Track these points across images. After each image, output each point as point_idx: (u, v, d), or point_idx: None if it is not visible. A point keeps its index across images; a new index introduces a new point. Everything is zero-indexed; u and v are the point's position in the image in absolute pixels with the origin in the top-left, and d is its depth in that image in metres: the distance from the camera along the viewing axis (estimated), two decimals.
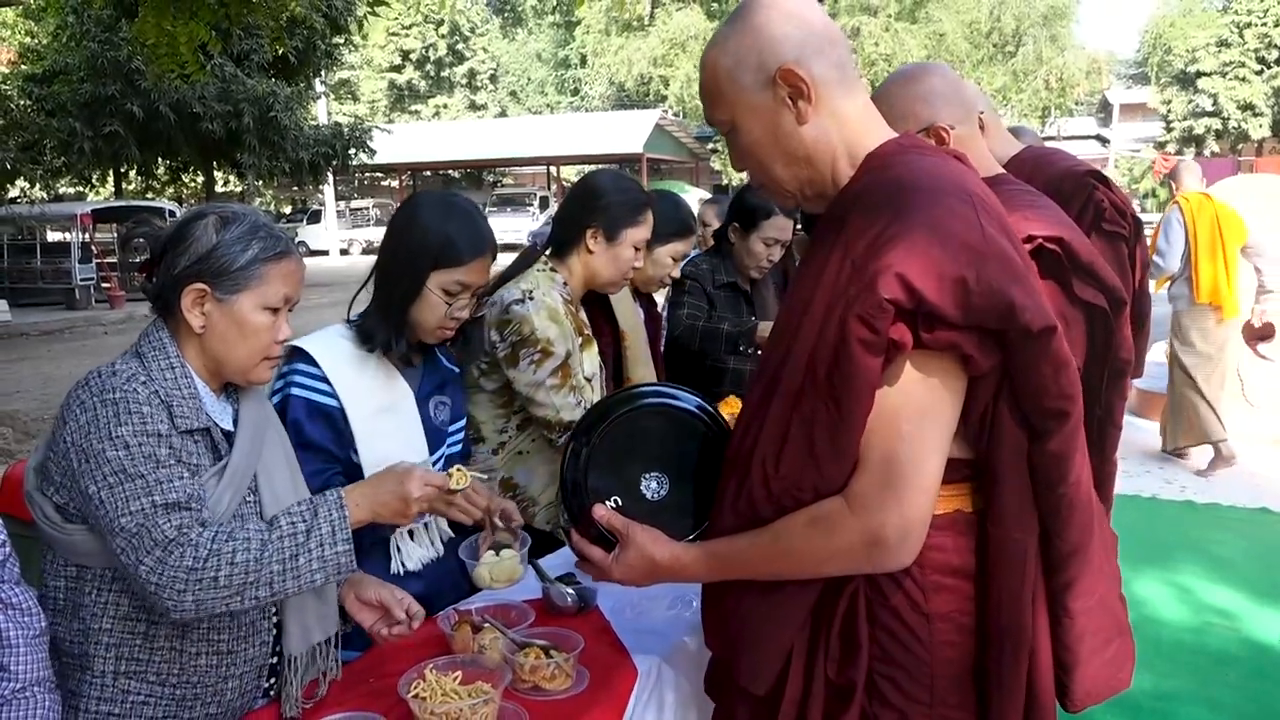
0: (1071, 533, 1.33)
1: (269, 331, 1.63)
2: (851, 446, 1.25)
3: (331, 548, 1.51)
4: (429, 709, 1.51)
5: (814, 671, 1.35)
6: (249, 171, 20.91)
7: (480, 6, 47.50)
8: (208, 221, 1.62)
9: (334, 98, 34.57)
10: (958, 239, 1.22)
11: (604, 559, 1.49)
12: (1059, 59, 27.87)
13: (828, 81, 1.34)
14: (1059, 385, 1.25)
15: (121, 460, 1.49)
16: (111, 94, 18.10)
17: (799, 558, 1.30)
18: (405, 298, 2.00)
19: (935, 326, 1.21)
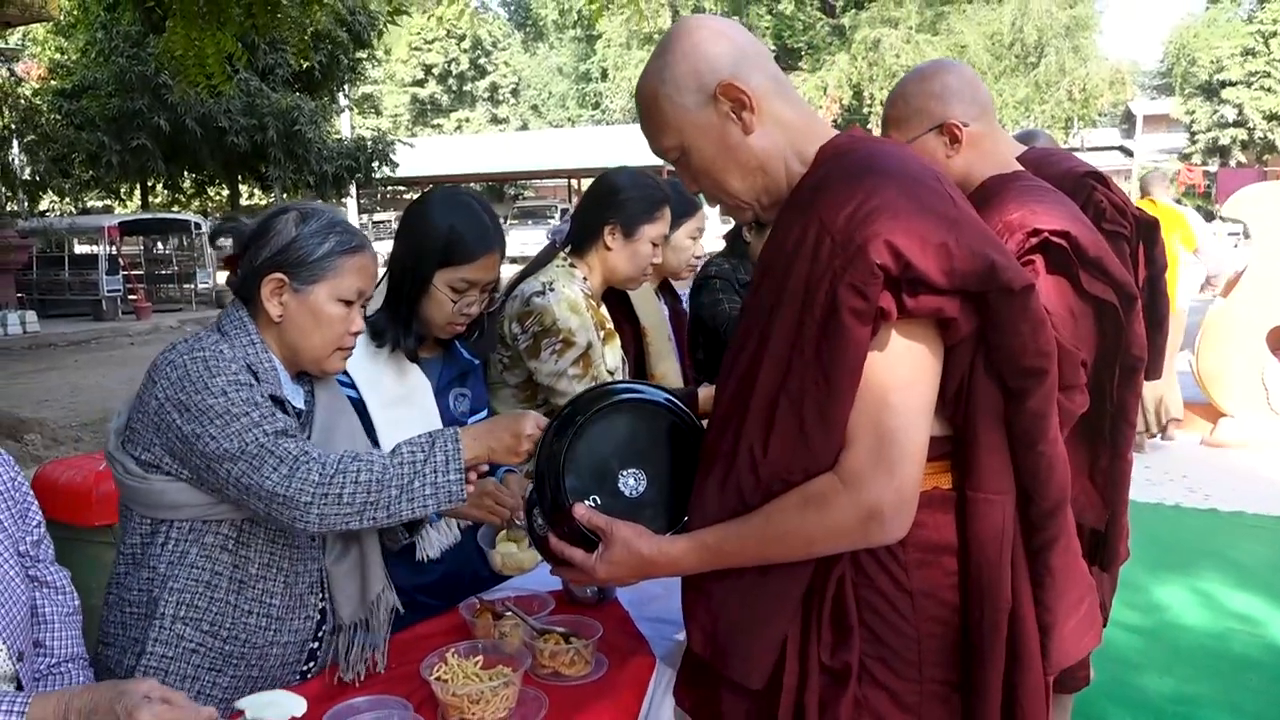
0: (1052, 490, 1.35)
1: (342, 322, 1.70)
2: (841, 421, 1.26)
3: (444, 475, 1.55)
4: (451, 690, 1.54)
5: (808, 658, 1.35)
6: (274, 184, 21.11)
7: (502, 21, 47.90)
8: (289, 217, 1.70)
9: (357, 112, 34.89)
10: (934, 208, 1.27)
11: (586, 559, 1.45)
12: (1082, 70, 27.77)
13: (765, 91, 1.38)
14: (1037, 343, 1.27)
15: (224, 405, 1.56)
16: (139, 108, 18.36)
17: (793, 539, 1.30)
18: (413, 295, 2.05)
19: (919, 292, 1.23)
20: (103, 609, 1.71)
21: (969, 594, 1.34)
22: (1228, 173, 29.91)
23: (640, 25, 29.93)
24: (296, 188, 22.11)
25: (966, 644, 1.34)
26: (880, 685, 1.33)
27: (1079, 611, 1.43)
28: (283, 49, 18.68)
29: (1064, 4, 28.55)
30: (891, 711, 1.34)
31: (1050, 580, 1.38)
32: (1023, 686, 1.34)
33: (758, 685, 1.36)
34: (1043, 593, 1.37)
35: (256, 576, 1.68)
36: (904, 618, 1.34)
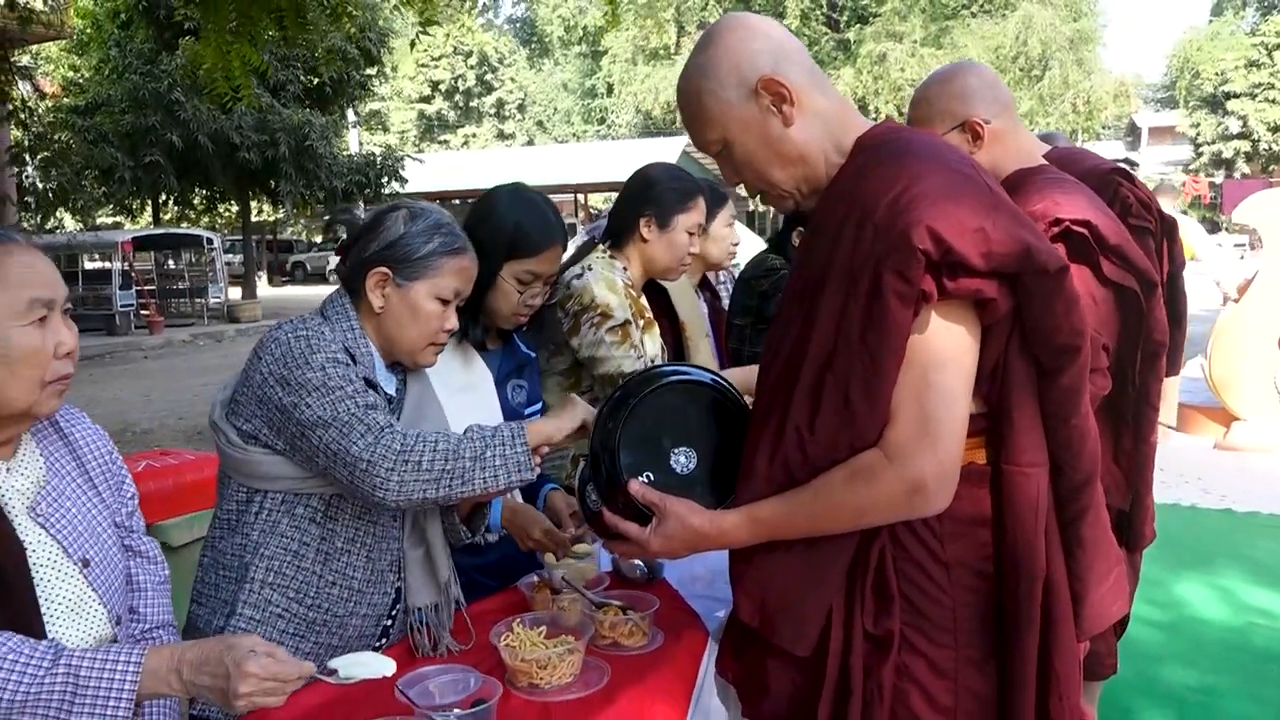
0: (1084, 462, 1.41)
1: (437, 319, 1.79)
2: (885, 399, 1.33)
3: (513, 448, 1.62)
4: (520, 656, 1.61)
5: (852, 626, 1.40)
6: (285, 200, 21.27)
7: (508, 38, 48.22)
8: (400, 214, 1.80)
9: (364, 128, 35.14)
10: (971, 195, 1.33)
11: (640, 533, 1.51)
12: (1085, 83, 27.93)
13: (803, 85, 1.45)
14: (1070, 322, 1.34)
15: (321, 379, 1.65)
16: (152, 124, 18.52)
17: (841, 512, 1.37)
18: (481, 286, 2.11)
19: (959, 274, 1.30)
20: (197, 569, 1.80)
21: (1004, 563, 1.39)
22: (1233, 184, 29.95)
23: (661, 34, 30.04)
24: (307, 203, 22.27)
25: (1001, 612, 1.40)
26: (919, 653, 1.39)
27: (1108, 580, 1.49)
28: (294, 66, 18.89)
29: (1067, 17, 28.73)
30: (930, 678, 1.40)
31: (1081, 550, 1.44)
32: (1057, 652, 1.40)
33: (805, 652, 1.42)
34: (1074, 562, 1.44)
35: (341, 550, 1.76)
36: (940, 588, 1.40)
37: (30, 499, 1.42)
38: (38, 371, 1.35)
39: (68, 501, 1.47)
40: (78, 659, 1.22)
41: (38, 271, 1.37)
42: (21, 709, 1.18)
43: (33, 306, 1.34)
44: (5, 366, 1.32)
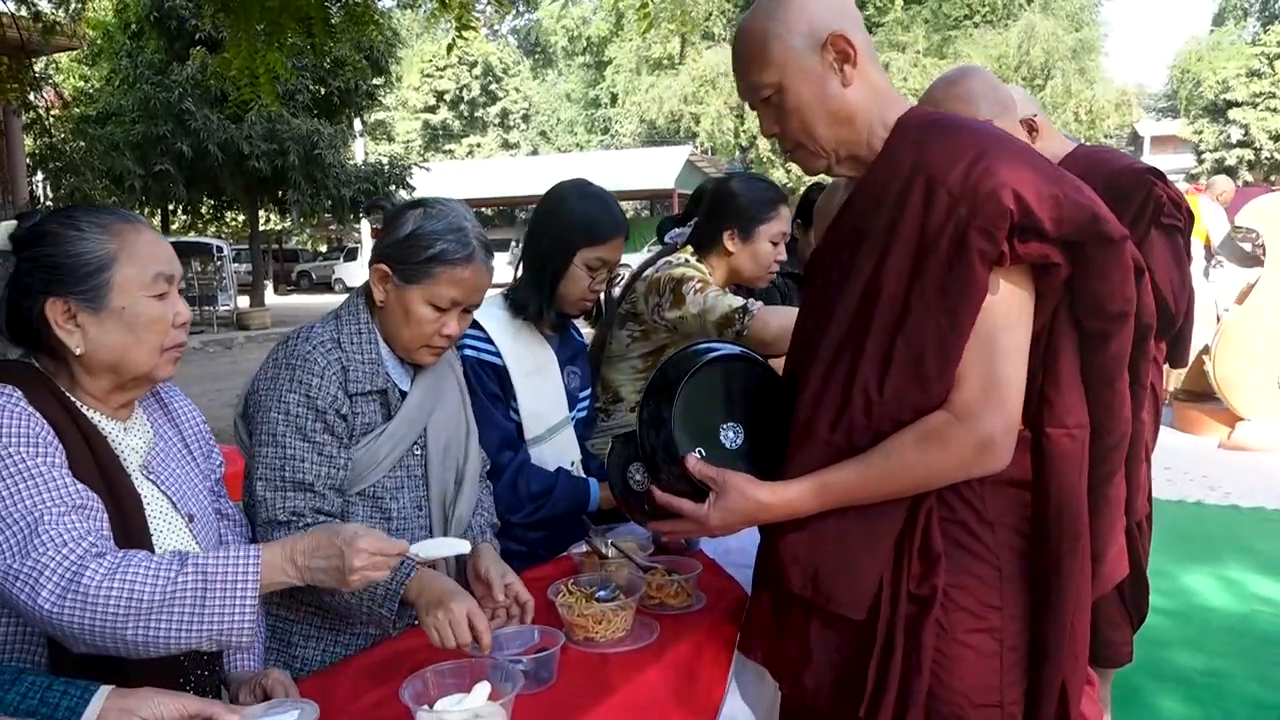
0: (1119, 424, 1.48)
1: (431, 324, 1.82)
2: (957, 359, 1.39)
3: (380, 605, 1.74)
4: (577, 611, 1.73)
5: (899, 588, 1.45)
6: (293, 208, 21.42)
7: (512, 48, 48.47)
8: (419, 212, 1.83)
9: (370, 138, 35.32)
10: (1038, 164, 1.41)
11: (698, 509, 1.53)
12: (1088, 92, 28.11)
13: (864, 50, 1.49)
14: (1124, 290, 1.40)
15: (276, 423, 1.75)
16: (163, 134, 18.66)
17: (912, 473, 1.42)
18: (556, 273, 2.25)
19: (1029, 239, 1.36)
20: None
21: (1049, 523, 1.45)
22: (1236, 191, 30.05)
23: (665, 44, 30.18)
24: (314, 212, 22.42)
25: (1039, 571, 1.46)
26: (962, 608, 1.45)
27: (1119, 540, 1.57)
28: (303, 75, 19.05)
29: (1069, 27, 28.94)
30: (974, 632, 1.45)
31: (1105, 509, 1.50)
32: (1079, 609, 1.48)
33: (860, 616, 1.47)
34: (1097, 521, 1.49)
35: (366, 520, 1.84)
36: (986, 546, 1.46)
37: (143, 458, 1.54)
38: (158, 338, 1.47)
39: (171, 463, 1.60)
40: (203, 559, 1.33)
41: (160, 249, 1.50)
42: (160, 609, 1.28)
43: (157, 280, 1.47)
44: (132, 332, 1.45)
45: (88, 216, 1.46)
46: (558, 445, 2.32)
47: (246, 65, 5.18)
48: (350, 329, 1.84)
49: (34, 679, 1.27)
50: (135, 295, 1.45)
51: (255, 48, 5.10)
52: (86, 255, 1.42)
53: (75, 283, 1.42)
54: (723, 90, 30.01)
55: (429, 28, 37.09)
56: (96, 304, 1.43)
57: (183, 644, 1.31)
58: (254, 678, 1.54)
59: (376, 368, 1.83)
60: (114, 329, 1.44)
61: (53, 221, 1.45)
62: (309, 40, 5.03)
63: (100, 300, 1.43)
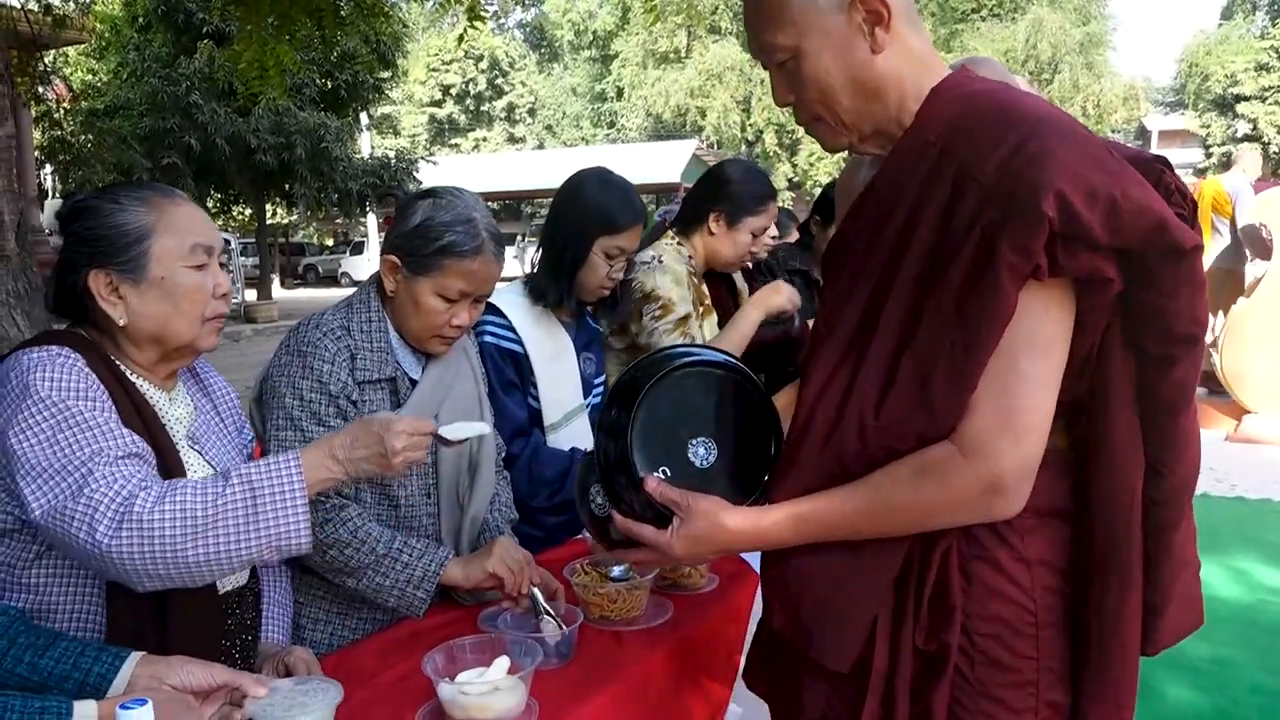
0: (1185, 466, 1.24)
1: (440, 315, 1.83)
2: (972, 386, 1.16)
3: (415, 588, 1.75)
4: (592, 591, 1.75)
5: (900, 641, 1.25)
6: (300, 202, 21.46)
7: (518, 42, 48.46)
8: (428, 202, 1.83)
9: (376, 132, 35.37)
10: (1096, 156, 1.15)
11: (660, 536, 1.33)
12: (1095, 86, 28.06)
13: (900, 11, 1.25)
14: (1194, 309, 1.16)
15: (292, 408, 1.77)
16: (170, 127, 18.71)
17: (905, 511, 1.21)
18: (575, 261, 2.27)
19: (1077, 249, 1.12)
20: None
21: (1092, 567, 1.25)
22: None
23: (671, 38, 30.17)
24: (321, 205, 22.47)
25: (1080, 620, 1.26)
26: (996, 664, 1.24)
27: (1188, 592, 1.33)
28: (310, 69, 19.10)
29: (1077, 21, 28.88)
30: (1006, 689, 1.24)
31: (1167, 560, 1.27)
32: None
33: (843, 668, 1.28)
34: (1157, 572, 1.27)
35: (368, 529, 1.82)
36: (1021, 589, 1.24)
37: (187, 428, 1.58)
38: (198, 308, 1.50)
39: (212, 435, 1.64)
40: (246, 470, 1.39)
41: (199, 220, 1.54)
42: (214, 524, 1.33)
43: (195, 251, 1.50)
44: (171, 302, 1.48)
45: (127, 191, 1.51)
46: (575, 431, 2.35)
47: (256, 58, 5.20)
48: (361, 317, 1.86)
49: (68, 644, 1.30)
50: (173, 266, 1.48)
51: (265, 40, 5.11)
52: (125, 227, 1.46)
53: (115, 254, 1.46)
54: (729, 84, 30.02)
55: (435, 21, 37.15)
56: (136, 275, 1.46)
57: (244, 556, 1.36)
58: (278, 653, 1.57)
59: (386, 356, 1.85)
60: (154, 299, 1.47)
61: (94, 197, 1.50)
62: (319, 33, 5.05)
63: (140, 271, 1.46)
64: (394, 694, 1.52)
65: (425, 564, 1.75)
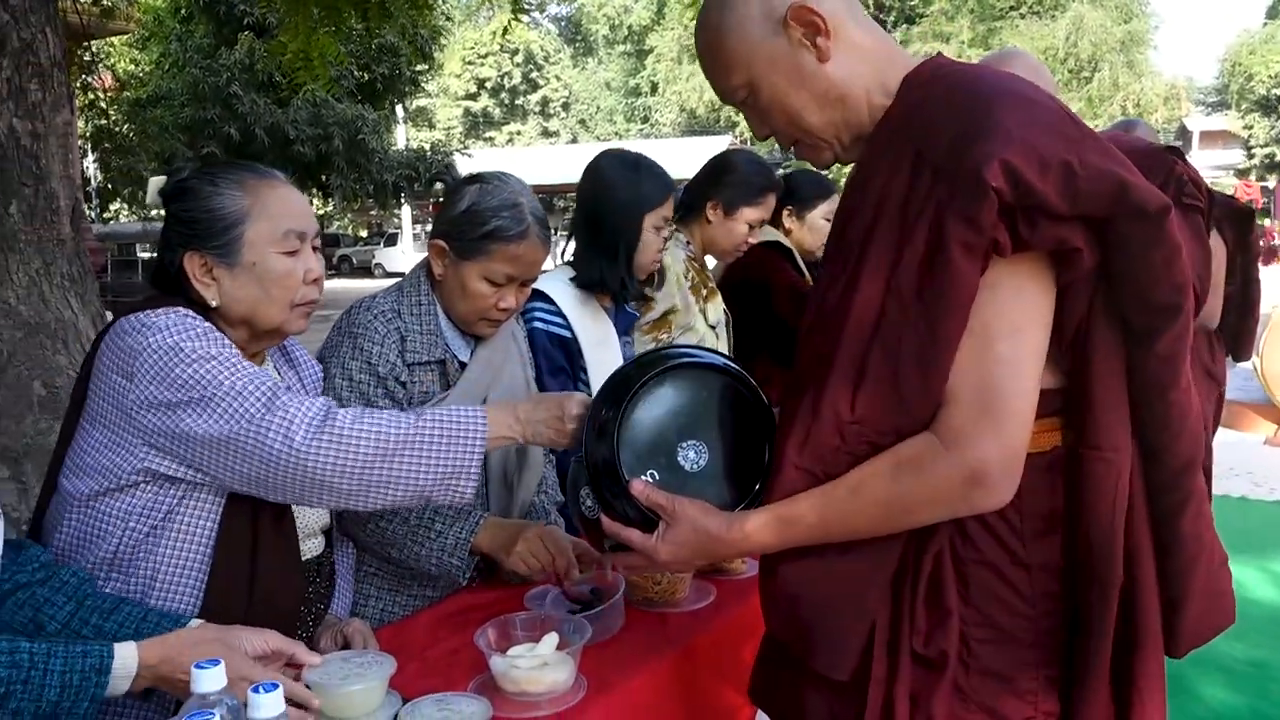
0: (1184, 445, 1.19)
1: (486, 299, 1.86)
2: (942, 373, 1.13)
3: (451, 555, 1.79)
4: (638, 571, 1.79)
5: (899, 646, 1.21)
6: (335, 193, 21.67)
7: (553, 36, 48.58)
8: (475, 188, 1.86)
9: (411, 124, 35.60)
10: (1052, 124, 1.13)
11: (645, 541, 1.32)
12: (1136, 85, 27.70)
13: (838, 14, 1.25)
14: (1171, 275, 1.12)
15: (341, 389, 1.82)
16: (210, 117, 18.96)
17: (885, 508, 1.17)
18: (630, 244, 2.30)
19: (1038, 221, 1.09)
20: None
21: (1079, 566, 1.20)
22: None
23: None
24: (357, 197, 22.67)
25: (1073, 619, 1.21)
26: (992, 673, 1.21)
27: (1212, 583, 1.27)
28: (348, 60, 19.26)
29: (1119, 19, 28.51)
30: (1005, 700, 1.21)
31: (1180, 549, 1.22)
32: (1141, 674, 1.20)
33: (843, 677, 1.24)
34: (1171, 563, 1.22)
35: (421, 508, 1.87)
36: (1020, 595, 1.20)
37: None
38: (288, 293, 1.53)
39: None
40: (435, 411, 1.49)
41: (294, 204, 1.55)
42: (404, 448, 1.43)
43: (288, 236, 1.52)
44: (262, 287, 1.52)
45: (226, 173, 1.53)
46: None
47: (301, 49, 5.27)
48: (411, 300, 1.90)
49: (131, 608, 1.36)
50: (266, 251, 1.51)
51: (310, 32, 5.18)
52: (220, 211, 1.50)
53: (210, 238, 1.50)
54: None
55: (471, 15, 37.27)
56: (230, 259, 1.50)
57: (420, 486, 1.44)
58: (336, 624, 1.62)
59: (435, 339, 1.89)
60: (246, 283, 1.51)
61: (194, 178, 1.53)
62: (363, 25, 5.12)
63: (233, 255, 1.50)
64: (445, 666, 1.57)
65: (456, 531, 1.80)
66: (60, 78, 3.50)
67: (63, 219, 3.46)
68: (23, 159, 3.30)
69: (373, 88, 20.96)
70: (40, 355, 3.31)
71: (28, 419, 3.25)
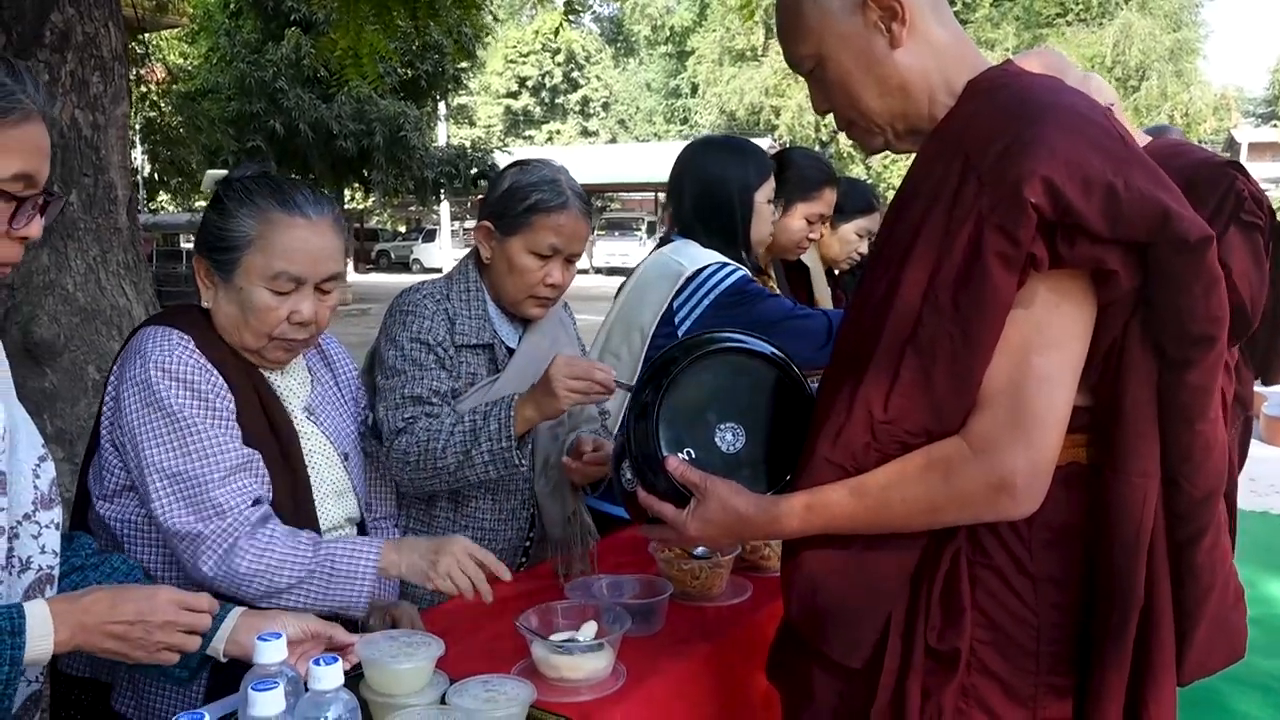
0: (1205, 477, 1.20)
1: (534, 274, 1.92)
2: (975, 381, 1.16)
3: (498, 443, 1.79)
4: (675, 567, 1.83)
5: (913, 640, 1.24)
6: (376, 188, 21.92)
7: (594, 36, 48.72)
8: (515, 169, 1.96)
9: (452, 122, 35.88)
10: (1101, 144, 1.14)
11: (677, 515, 1.37)
12: (1184, 95, 27.33)
13: (919, 3, 1.26)
14: (1208, 306, 1.12)
15: (393, 359, 1.89)
16: (256, 111, 19.25)
17: (912, 506, 1.20)
18: (745, 218, 2.41)
19: (1077, 240, 1.11)
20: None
21: (1098, 586, 1.22)
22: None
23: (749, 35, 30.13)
24: (397, 192, 22.91)
25: (1087, 640, 1.23)
26: (992, 674, 1.24)
27: (1223, 616, 1.28)
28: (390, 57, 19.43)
29: (1168, 28, 28.15)
30: (1002, 703, 1.23)
31: (1194, 581, 1.23)
32: (1153, 698, 1.22)
33: (857, 664, 1.28)
34: (1183, 594, 1.23)
35: (469, 496, 1.98)
36: (1024, 603, 1.23)
37: (304, 400, 1.70)
38: (264, 326, 1.58)
39: (329, 406, 1.76)
40: (331, 547, 1.54)
41: (305, 248, 1.57)
42: (292, 589, 1.53)
43: (279, 278, 1.57)
44: (241, 312, 1.58)
45: (256, 196, 1.56)
46: None
47: (351, 46, 5.36)
48: (459, 287, 1.98)
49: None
50: (255, 282, 1.57)
51: (361, 30, 5.27)
52: (230, 231, 1.57)
53: (215, 251, 1.58)
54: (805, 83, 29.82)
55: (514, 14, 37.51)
56: (225, 276, 1.58)
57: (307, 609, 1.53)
58: (386, 606, 1.67)
59: (483, 323, 1.96)
60: (231, 303, 1.58)
61: (226, 192, 1.60)
62: (413, 23, 5.20)
63: (227, 274, 1.57)
64: (488, 651, 1.61)
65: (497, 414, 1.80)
66: (120, 71, 3.59)
67: (120, 209, 3.55)
68: (83, 149, 3.40)
69: (416, 85, 21.17)
70: (95, 341, 3.41)
71: (82, 403, 3.35)
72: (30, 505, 1.28)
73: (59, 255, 3.35)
